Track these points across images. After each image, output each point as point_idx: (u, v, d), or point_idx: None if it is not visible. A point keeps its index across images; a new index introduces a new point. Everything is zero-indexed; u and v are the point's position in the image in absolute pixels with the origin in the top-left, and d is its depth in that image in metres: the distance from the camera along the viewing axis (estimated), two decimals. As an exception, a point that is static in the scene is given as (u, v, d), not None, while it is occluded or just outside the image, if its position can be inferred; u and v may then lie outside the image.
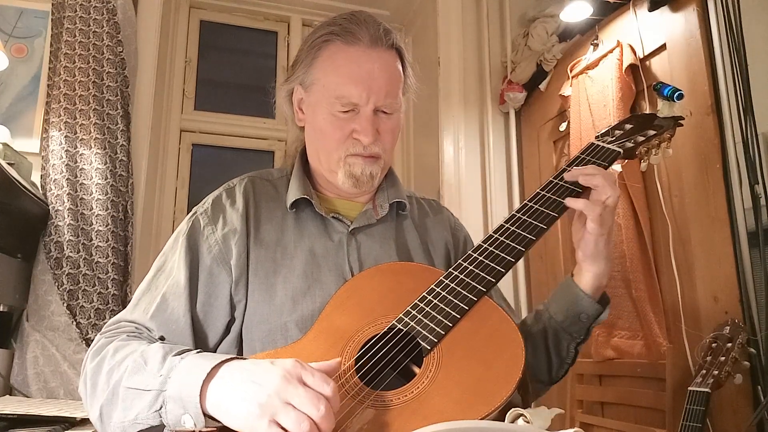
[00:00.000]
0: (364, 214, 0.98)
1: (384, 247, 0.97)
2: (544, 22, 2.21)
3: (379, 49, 0.93)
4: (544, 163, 2.22)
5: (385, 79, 0.92)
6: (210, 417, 0.68)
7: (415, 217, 1.06)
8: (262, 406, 0.63)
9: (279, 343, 0.85)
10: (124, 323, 0.86)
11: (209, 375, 0.69)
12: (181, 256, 0.89)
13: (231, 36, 2.86)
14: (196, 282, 0.88)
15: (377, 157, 0.94)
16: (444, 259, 1.03)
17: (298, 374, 0.65)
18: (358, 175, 0.93)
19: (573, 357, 0.95)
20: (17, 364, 1.71)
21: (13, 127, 1.93)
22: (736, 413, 1.35)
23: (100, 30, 2.00)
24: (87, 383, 0.79)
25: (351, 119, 0.92)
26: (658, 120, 1.01)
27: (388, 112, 0.94)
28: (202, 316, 0.87)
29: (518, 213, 0.87)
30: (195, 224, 0.93)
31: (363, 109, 0.91)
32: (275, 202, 0.98)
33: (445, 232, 1.08)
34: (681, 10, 1.60)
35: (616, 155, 0.93)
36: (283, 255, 0.92)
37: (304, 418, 0.61)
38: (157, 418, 0.71)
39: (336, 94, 0.91)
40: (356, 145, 0.93)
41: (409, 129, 2.88)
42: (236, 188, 0.98)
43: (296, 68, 0.99)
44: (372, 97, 0.91)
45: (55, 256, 1.78)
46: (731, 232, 1.41)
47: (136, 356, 0.75)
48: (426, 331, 0.74)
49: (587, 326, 0.92)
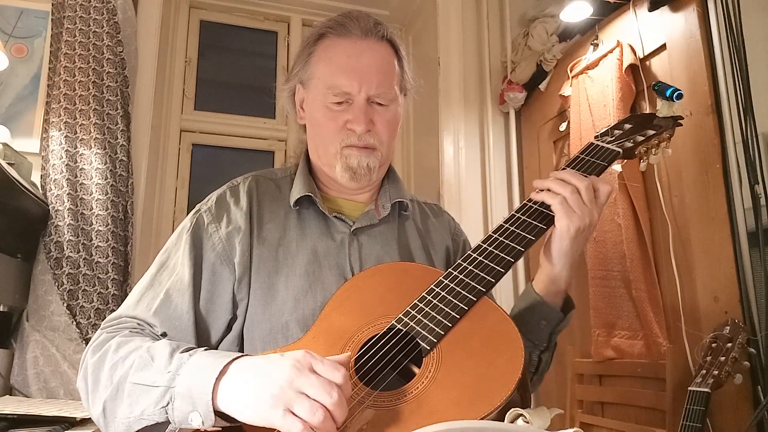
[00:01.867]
0: (366, 215, 0.99)
1: (385, 248, 0.97)
2: (544, 22, 2.21)
3: (370, 40, 0.95)
4: (544, 163, 2.22)
5: (377, 69, 0.94)
6: (220, 414, 0.68)
7: (417, 219, 1.07)
8: (275, 396, 0.63)
9: (280, 342, 0.85)
10: (125, 319, 0.86)
11: (222, 372, 0.69)
12: (185, 252, 0.89)
13: (231, 36, 2.85)
14: (199, 279, 0.88)
15: (373, 149, 0.95)
16: (444, 262, 1.04)
17: (309, 363, 0.65)
18: (354, 167, 0.94)
19: (536, 365, 0.93)
20: (17, 364, 1.71)
21: (13, 127, 1.93)
22: (736, 413, 1.35)
23: (100, 30, 2.00)
24: (88, 378, 0.79)
25: (345, 110, 0.93)
26: (657, 120, 1.01)
27: (382, 103, 0.95)
28: (205, 314, 0.87)
29: (518, 213, 0.87)
30: (199, 221, 0.93)
31: (356, 98, 0.93)
32: (278, 201, 0.98)
33: (446, 235, 1.08)
34: (681, 10, 1.60)
35: (616, 155, 0.94)
36: (285, 254, 0.92)
37: (318, 406, 0.62)
38: (163, 415, 0.70)
39: (328, 85, 0.93)
40: (350, 135, 0.93)
41: (409, 129, 2.88)
42: (240, 186, 0.98)
43: (295, 67, 1.00)
44: (363, 86, 0.92)
45: (55, 256, 1.78)
46: (731, 232, 1.41)
47: (142, 352, 0.75)
48: (425, 331, 0.74)
49: (547, 333, 0.90)
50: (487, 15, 2.47)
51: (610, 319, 1.72)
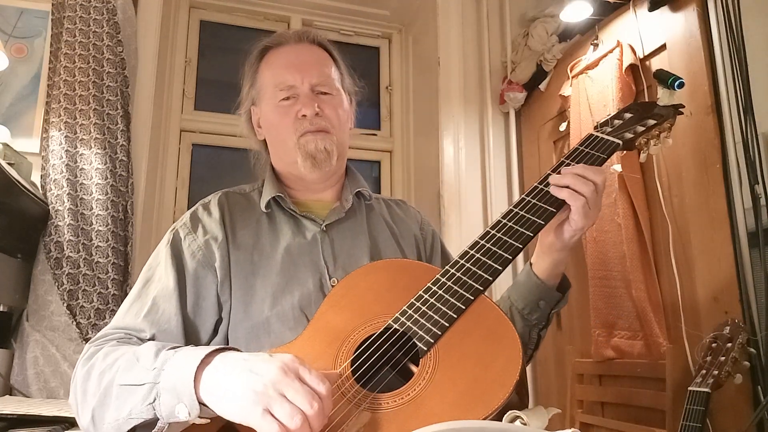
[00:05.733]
0: (333, 211, 1.03)
1: (356, 241, 1.02)
2: (544, 22, 2.20)
3: (304, 44, 1.06)
4: (544, 163, 2.22)
5: (315, 63, 1.04)
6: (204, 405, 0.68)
7: (384, 213, 1.12)
8: (257, 393, 0.63)
9: (262, 339, 0.87)
10: (111, 330, 0.87)
11: (203, 362, 0.69)
12: (167, 263, 0.92)
13: (231, 36, 2.85)
14: (184, 284, 0.91)
15: (326, 131, 1.00)
16: (414, 250, 1.08)
17: (296, 369, 0.65)
18: (312, 152, 0.99)
19: (536, 342, 0.98)
20: (17, 364, 1.70)
21: (13, 127, 1.93)
22: (736, 413, 1.35)
23: (100, 30, 2.00)
24: (77, 390, 0.79)
25: (294, 103, 1.01)
26: (658, 108, 0.99)
27: (326, 92, 1.02)
28: (192, 317, 0.89)
29: (515, 208, 0.87)
30: (176, 236, 0.97)
31: (300, 89, 1.01)
32: (249, 210, 1.03)
33: (414, 225, 1.13)
34: (681, 10, 1.60)
35: (616, 147, 0.92)
36: (260, 256, 0.95)
37: (298, 411, 0.62)
38: (150, 411, 0.70)
39: (274, 84, 1.02)
40: (303, 122, 0.99)
41: (409, 129, 2.87)
42: (211, 202, 1.03)
43: (244, 89, 1.10)
44: (306, 77, 1.01)
45: (55, 256, 1.78)
46: (731, 232, 1.41)
47: (129, 355, 0.76)
48: (422, 331, 0.74)
49: (547, 313, 0.95)
50: (487, 15, 2.47)
51: (610, 319, 1.72)
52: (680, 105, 1.02)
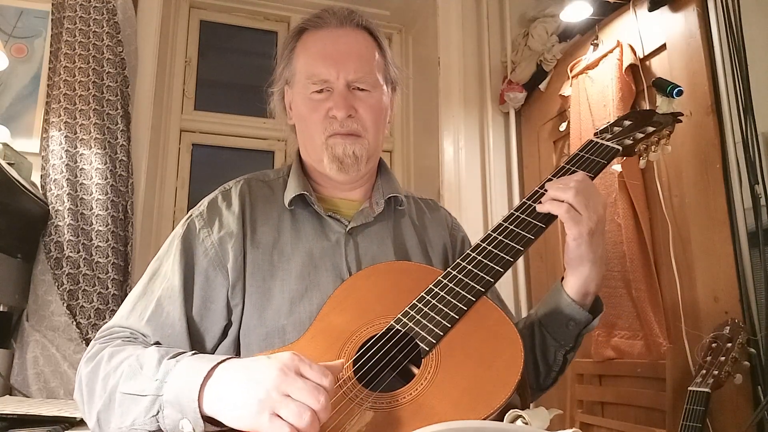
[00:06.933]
0: (360, 213, 0.97)
1: (381, 247, 0.96)
2: (544, 22, 2.21)
3: (346, 28, 0.95)
4: (544, 163, 2.22)
5: (354, 54, 0.94)
6: (208, 420, 0.68)
7: (413, 215, 1.05)
8: (261, 401, 0.63)
9: (277, 346, 0.84)
10: (117, 329, 0.85)
11: (206, 377, 0.68)
12: (176, 259, 0.88)
13: (231, 36, 2.85)
14: (191, 285, 0.87)
15: (357, 135, 0.93)
16: (442, 259, 1.02)
17: (296, 366, 0.64)
18: (340, 156, 0.92)
19: (560, 365, 0.92)
20: (17, 364, 1.70)
21: (13, 127, 1.93)
22: (736, 413, 1.35)
23: (100, 30, 2.00)
24: (83, 389, 0.79)
25: (326, 99, 0.93)
26: (656, 116, 1.01)
27: (363, 89, 0.94)
28: (198, 320, 0.86)
29: (517, 211, 0.87)
30: (191, 227, 0.92)
31: (335, 85, 0.92)
32: (271, 203, 0.97)
33: (443, 231, 1.06)
34: (681, 10, 1.60)
35: (615, 152, 0.93)
36: (280, 257, 0.90)
37: (305, 408, 0.61)
38: (154, 424, 0.70)
39: (308, 75, 0.93)
40: (333, 123, 0.92)
41: (409, 129, 2.87)
42: (232, 190, 0.97)
43: (279, 68, 1.00)
44: (341, 72, 0.92)
45: (55, 256, 1.78)
46: (731, 232, 1.41)
47: (132, 360, 0.75)
48: (424, 332, 0.74)
49: (575, 334, 0.90)
50: (487, 15, 2.47)
51: (610, 319, 1.72)
52: (679, 113, 1.02)
